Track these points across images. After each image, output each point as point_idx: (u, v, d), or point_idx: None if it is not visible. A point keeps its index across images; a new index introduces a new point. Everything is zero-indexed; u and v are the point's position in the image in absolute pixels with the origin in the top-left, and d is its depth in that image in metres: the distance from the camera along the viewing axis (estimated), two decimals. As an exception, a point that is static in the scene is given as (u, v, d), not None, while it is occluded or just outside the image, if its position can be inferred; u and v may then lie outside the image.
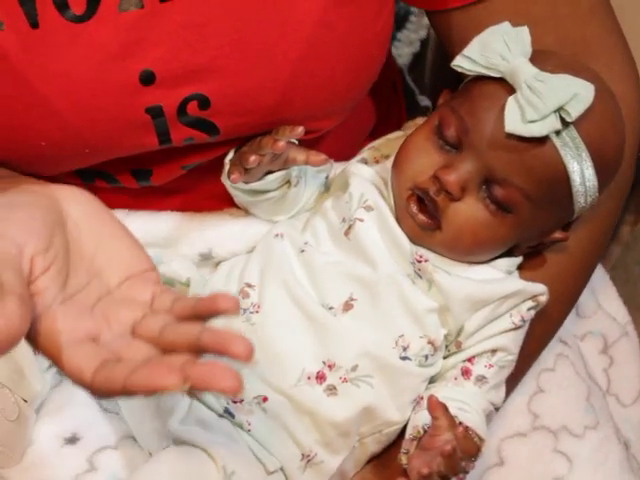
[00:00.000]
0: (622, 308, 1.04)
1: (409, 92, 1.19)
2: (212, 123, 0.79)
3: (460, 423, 0.75)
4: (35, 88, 0.75)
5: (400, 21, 1.31)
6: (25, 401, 0.80)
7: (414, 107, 1.16)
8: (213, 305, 0.57)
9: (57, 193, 0.63)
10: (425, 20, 1.28)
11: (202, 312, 0.58)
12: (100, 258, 0.63)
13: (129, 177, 0.85)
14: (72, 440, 0.83)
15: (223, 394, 0.54)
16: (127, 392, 0.55)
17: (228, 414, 0.79)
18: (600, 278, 1.05)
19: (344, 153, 0.92)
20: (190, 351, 0.56)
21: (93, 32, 0.74)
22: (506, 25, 0.77)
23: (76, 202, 0.64)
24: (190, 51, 0.76)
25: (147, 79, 0.76)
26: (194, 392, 0.55)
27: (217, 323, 0.80)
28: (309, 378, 0.78)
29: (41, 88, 0.75)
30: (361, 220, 0.81)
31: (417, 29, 1.33)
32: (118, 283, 0.63)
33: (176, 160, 0.84)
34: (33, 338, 0.58)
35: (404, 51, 1.33)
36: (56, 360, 0.59)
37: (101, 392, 0.57)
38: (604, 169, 0.77)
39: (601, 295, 1.04)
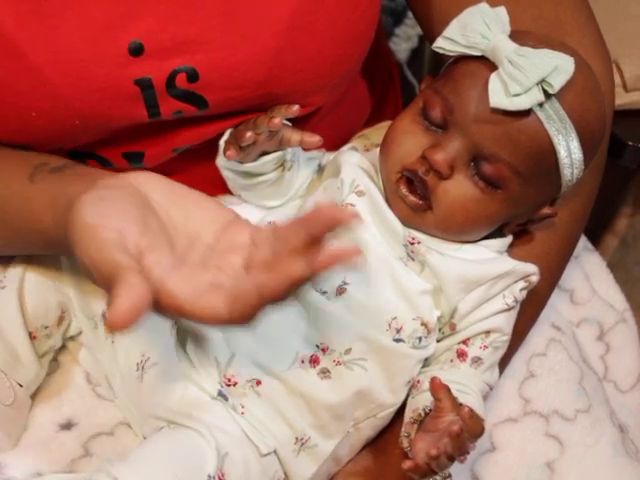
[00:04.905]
0: (620, 295, 1.03)
1: (409, 86, 1.19)
2: (201, 96, 0.80)
3: (460, 404, 0.76)
4: (26, 57, 0.75)
5: (398, 17, 1.31)
6: (20, 386, 0.81)
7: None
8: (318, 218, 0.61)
9: (134, 181, 0.68)
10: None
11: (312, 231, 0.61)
12: (192, 224, 0.67)
13: (121, 160, 0.86)
14: (67, 426, 0.84)
15: (347, 263, 0.60)
16: (263, 298, 0.60)
17: (222, 397, 0.79)
18: (596, 265, 1.05)
19: (340, 140, 0.92)
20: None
21: (84, 2, 0.75)
22: (484, 5, 0.78)
23: (153, 185, 0.68)
24: (179, 23, 0.76)
25: (136, 50, 0.77)
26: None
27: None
28: (303, 361, 0.78)
29: (32, 57, 0.75)
30: (353, 205, 0.82)
31: (415, 25, 1.32)
32: (215, 237, 0.67)
33: (167, 142, 0.84)
34: (156, 306, 0.61)
35: (402, 47, 1.33)
36: (188, 316, 0.62)
37: (242, 316, 0.61)
38: (588, 140, 0.77)
39: (596, 282, 1.03)
